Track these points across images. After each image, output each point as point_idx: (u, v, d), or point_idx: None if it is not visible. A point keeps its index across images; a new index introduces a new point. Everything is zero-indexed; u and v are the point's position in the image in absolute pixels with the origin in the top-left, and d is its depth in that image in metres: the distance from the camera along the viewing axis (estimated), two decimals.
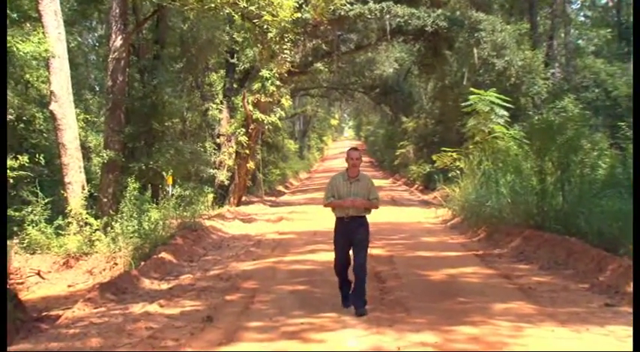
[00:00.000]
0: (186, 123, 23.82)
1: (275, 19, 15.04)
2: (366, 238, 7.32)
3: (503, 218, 13.84)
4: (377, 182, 6.56)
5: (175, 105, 19.18)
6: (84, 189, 13.76)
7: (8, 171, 12.60)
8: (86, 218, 13.23)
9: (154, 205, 14.71)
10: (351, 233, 7.28)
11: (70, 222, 13.13)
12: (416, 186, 33.49)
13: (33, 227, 12.77)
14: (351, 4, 21.88)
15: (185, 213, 15.75)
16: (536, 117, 18.55)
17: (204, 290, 9.24)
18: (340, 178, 7.35)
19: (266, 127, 25.15)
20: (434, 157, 22.28)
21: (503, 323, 6.83)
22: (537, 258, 10.68)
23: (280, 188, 38.86)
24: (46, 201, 13.35)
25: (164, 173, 16.52)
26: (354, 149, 7.48)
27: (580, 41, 36.19)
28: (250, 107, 22.93)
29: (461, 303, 7.90)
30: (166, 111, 18.02)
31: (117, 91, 15.54)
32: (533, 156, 13.40)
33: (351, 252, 7.38)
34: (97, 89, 25.09)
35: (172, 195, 16.00)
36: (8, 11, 12.90)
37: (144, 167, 16.38)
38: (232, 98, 25.27)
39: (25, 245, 12.61)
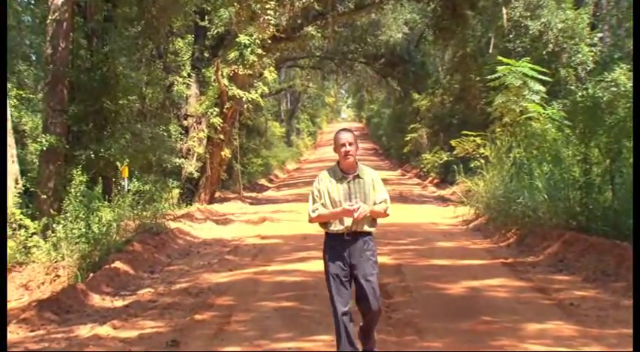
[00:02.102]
0: (145, 101, 23.67)
1: None
2: (375, 267, 6.12)
3: (539, 218, 13.85)
4: (382, 175, 6.21)
5: (132, 79, 19.06)
6: (17, 183, 13.71)
7: None
8: (20, 219, 13.18)
9: (106, 203, 14.64)
10: (353, 259, 6.03)
11: None
12: (430, 178, 33.49)
13: None
14: None
15: (145, 213, 15.70)
16: (580, 93, 18.55)
17: (168, 308, 9.22)
18: (330, 177, 6.09)
19: (245, 106, 25.07)
20: (452, 143, 22.27)
21: (538, 348, 6.82)
22: (580, 268, 10.68)
23: (263, 182, 38.82)
24: None
25: (118, 163, 16.45)
26: (345, 130, 6.22)
27: None
28: (225, 81, 22.84)
29: (485, 323, 7.88)
30: (120, 87, 17.91)
31: (58, 61, 15.44)
32: (576, 142, 13.38)
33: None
34: (34, 58, 24.94)
35: (129, 190, 15.93)
36: None
37: (93, 156, 16.30)
38: (203, 70, 25.20)
39: None
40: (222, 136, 24.00)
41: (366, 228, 6.10)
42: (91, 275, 11.19)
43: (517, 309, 8.48)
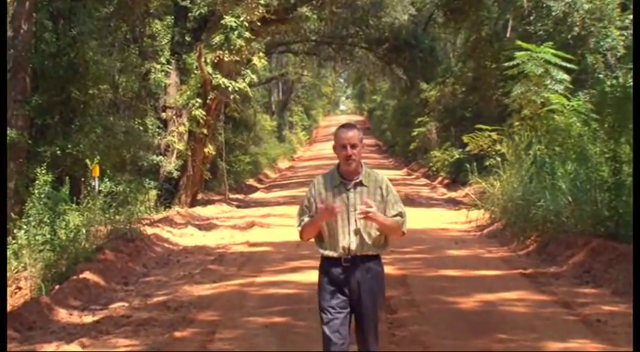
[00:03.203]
0: (118, 91, 23.68)
1: None
2: (379, 299, 5.61)
3: (562, 223, 13.85)
4: (387, 175, 5.91)
5: (103, 66, 19.05)
6: None
7: None
8: None
9: (74, 206, 14.62)
10: (352, 290, 5.48)
11: None
12: (440, 179, 33.51)
13: None
14: None
15: (118, 217, 15.67)
16: (609, 83, 18.53)
17: (143, 324, 9.19)
18: (327, 184, 5.55)
19: (231, 97, 25.04)
20: (465, 139, 22.26)
21: None
22: (609, 279, 10.68)
23: (251, 182, 38.81)
24: None
25: (88, 161, 16.41)
26: (348, 126, 5.59)
27: None
28: (209, 68, 22.82)
29: (501, 342, 7.89)
30: (90, 74, 17.90)
31: (20, 46, 15.41)
32: (605, 137, 13.39)
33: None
34: None
35: (100, 191, 15.89)
36: None
37: (59, 152, 16.28)
38: (183, 56, 25.16)
39: None
40: (205, 131, 23.97)
41: (372, 252, 5.49)
42: (57, 287, 11.15)
43: (537, 326, 8.48)
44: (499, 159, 18.63)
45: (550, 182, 14.87)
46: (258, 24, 22.80)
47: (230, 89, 23.37)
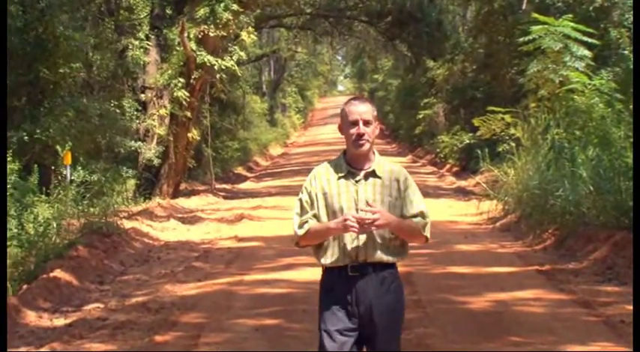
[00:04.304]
0: (92, 70, 23.64)
1: None
2: (398, 324, 5.02)
3: (582, 215, 13.87)
4: (390, 161, 5.37)
5: (75, 42, 19.01)
6: None
7: None
8: None
9: (44, 197, 14.61)
10: (362, 309, 4.86)
11: None
12: (448, 166, 33.53)
13: None
14: None
15: (92, 210, 15.66)
16: (635, 60, 18.54)
17: (121, 328, 9.19)
18: (330, 175, 4.96)
19: (217, 76, 25.01)
20: (475, 122, 22.26)
21: None
22: (634, 276, 10.70)
23: (240, 170, 38.83)
24: None
25: (58, 147, 16.40)
26: (359, 99, 5.07)
27: None
28: (193, 45, 22.78)
29: (515, 345, 7.93)
30: (61, 52, 17.87)
31: None
32: (629, 120, 13.39)
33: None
34: None
35: (72, 181, 15.89)
36: None
37: (26, 138, 16.27)
38: (164, 31, 25.09)
39: None
40: (188, 114, 23.94)
41: (386, 258, 4.88)
42: (25, 287, 11.14)
43: (555, 328, 8.52)
44: (513, 144, 18.65)
45: (569, 169, 14.89)
46: None
47: (216, 68, 23.34)
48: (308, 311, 9.09)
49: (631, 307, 9.29)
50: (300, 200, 4.97)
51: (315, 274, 5.32)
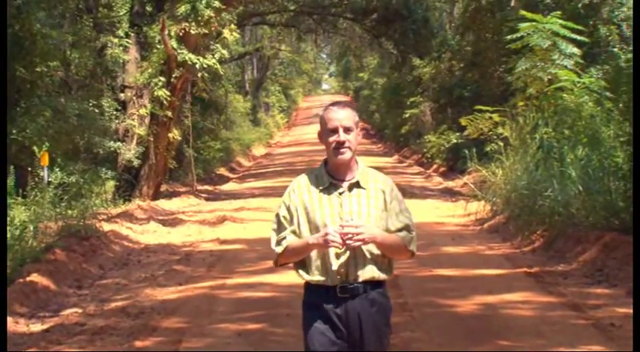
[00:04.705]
0: (70, 69, 23.59)
1: None
2: (386, 342, 4.83)
3: (572, 216, 13.90)
4: (376, 161, 5.27)
5: (53, 40, 18.96)
6: None
7: None
8: None
9: (20, 199, 14.56)
10: (352, 329, 4.68)
11: None
12: (435, 166, 33.59)
13: None
14: None
15: (70, 212, 15.63)
16: (625, 57, 18.61)
17: (99, 333, 9.16)
18: (311, 187, 4.74)
19: (199, 75, 24.98)
20: (463, 121, 22.31)
21: None
22: (624, 278, 10.72)
23: (222, 171, 38.79)
24: None
25: (35, 148, 16.36)
26: (339, 104, 4.80)
27: None
28: (174, 43, 22.75)
29: (504, 349, 7.95)
30: (38, 50, 17.80)
31: None
32: (619, 119, 13.44)
33: None
34: None
35: (49, 182, 15.84)
36: None
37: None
38: (144, 29, 25.06)
39: None
40: (169, 113, 23.90)
41: (375, 274, 4.67)
42: None
43: (543, 331, 8.54)
44: (501, 144, 18.68)
45: (558, 169, 14.93)
46: None
47: (198, 66, 23.30)
48: (292, 316, 9.08)
49: (621, 309, 9.33)
50: (278, 215, 4.75)
51: (298, 277, 4.89)
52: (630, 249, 11.37)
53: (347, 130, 4.62)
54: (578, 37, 18.49)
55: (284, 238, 4.70)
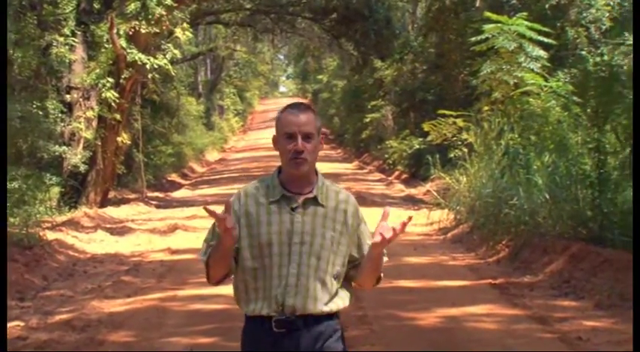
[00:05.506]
0: (13, 69, 23.37)
1: None
2: None
3: (538, 225, 14.00)
4: (335, 168, 4.71)
5: None
6: None
7: None
8: None
9: None
10: None
11: None
12: (397, 173, 33.65)
13: None
14: None
15: (12, 220, 15.51)
16: (593, 60, 18.77)
17: (43, 347, 9.11)
18: (259, 197, 4.20)
19: (150, 76, 24.89)
20: (426, 126, 22.41)
21: None
22: (591, 290, 10.82)
23: (174, 177, 38.64)
24: None
25: None
26: (299, 107, 4.21)
27: None
28: (123, 42, 22.65)
29: None
30: None
31: None
32: (587, 124, 13.55)
33: None
34: None
35: None
36: None
37: None
38: (92, 27, 24.92)
39: None
40: (118, 116, 23.80)
41: (325, 307, 4.13)
42: None
43: (509, 345, 8.58)
44: (465, 150, 18.79)
45: (524, 177, 15.02)
46: None
47: (148, 67, 23.24)
48: None
49: (589, 322, 9.42)
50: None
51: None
52: (598, 260, 11.51)
53: (306, 137, 4.08)
54: (545, 40, 18.59)
55: (211, 246, 4.18)
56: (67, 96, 24.96)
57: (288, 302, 4.01)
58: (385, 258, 4.31)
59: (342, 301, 4.21)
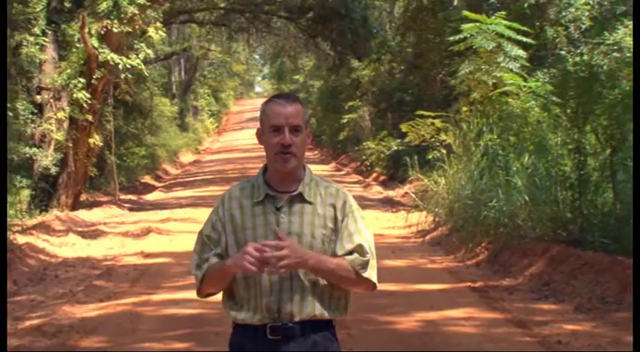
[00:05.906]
0: None
1: None
2: None
3: (517, 227, 14.05)
4: (312, 170, 4.54)
5: None
6: None
7: None
8: None
9: None
10: None
11: None
12: (374, 175, 33.69)
13: None
14: None
15: None
16: (573, 60, 18.84)
17: None
18: (244, 199, 4.04)
19: (122, 76, 24.82)
20: (404, 127, 22.40)
21: None
22: (571, 293, 10.88)
23: (147, 179, 38.53)
24: None
25: None
26: (286, 97, 4.07)
27: None
28: (94, 41, 22.58)
29: None
30: None
31: None
32: (567, 125, 13.61)
33: None
34: None
35: None
36: None
37: None
38: (63, 26, 24.85)
39: None
40: (90, 117, 23.73)
41: (320, 312, 4.01)
42: None
43: (488, 349, 8.62)
44: (444, 151, 18.82)
45: (504, 178, 15.06)
46: None
47: (120, 67, 23.17)
48: (221, 334, 9.03)
49: (569, 326, 9.47)
50: (201, 234, 4.08)
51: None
52: (578, 263, 11.56)
53: (294, 130, 3.93)
54: (524, 39, 18.66)
55: (206, 260, 4.02)
56: (38, 96, 24.85)
57: (284, 307, 3.89)
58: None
59: (338, 308, 4.12)
